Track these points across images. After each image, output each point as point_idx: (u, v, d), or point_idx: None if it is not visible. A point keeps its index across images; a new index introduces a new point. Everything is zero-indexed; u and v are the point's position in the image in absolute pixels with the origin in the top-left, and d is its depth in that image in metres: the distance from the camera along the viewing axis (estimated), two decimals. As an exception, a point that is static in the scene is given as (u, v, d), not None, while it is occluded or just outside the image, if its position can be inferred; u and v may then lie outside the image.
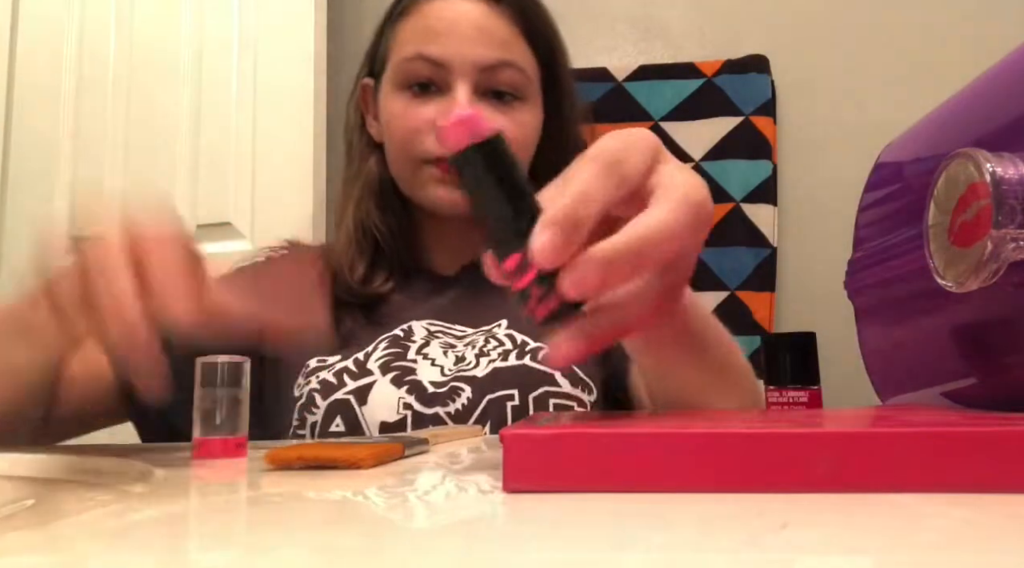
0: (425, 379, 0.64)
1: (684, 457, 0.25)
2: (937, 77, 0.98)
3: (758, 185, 1.21)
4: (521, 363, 0.65)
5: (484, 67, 0.69)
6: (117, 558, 0.19)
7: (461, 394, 0.63)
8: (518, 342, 0.67)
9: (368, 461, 0.33)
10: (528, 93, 0.73)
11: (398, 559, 0.18)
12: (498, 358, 0.65)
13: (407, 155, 0.71)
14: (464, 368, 0.65)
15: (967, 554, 0.17)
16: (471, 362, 0.66)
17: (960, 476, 0.24)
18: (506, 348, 0.67)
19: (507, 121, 0.71)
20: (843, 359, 0.69)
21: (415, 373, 0.65)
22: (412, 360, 0.66)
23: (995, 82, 0.44)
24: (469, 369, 0.65)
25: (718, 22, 1.36)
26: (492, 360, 0.65)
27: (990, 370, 0.42)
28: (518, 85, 0.71)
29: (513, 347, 0.67)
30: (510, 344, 0.67)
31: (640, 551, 0.18)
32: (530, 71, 0.73)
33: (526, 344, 0.67)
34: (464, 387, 0.63)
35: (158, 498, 0.28)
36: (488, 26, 0.70)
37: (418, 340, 0.68)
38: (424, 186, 0.71)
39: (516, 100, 0.72)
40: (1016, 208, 0.32)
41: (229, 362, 0.41)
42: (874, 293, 0.54)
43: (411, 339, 0.68)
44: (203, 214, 1.30)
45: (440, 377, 0.65)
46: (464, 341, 0.69)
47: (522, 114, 0.72)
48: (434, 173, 0.70)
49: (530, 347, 0.66)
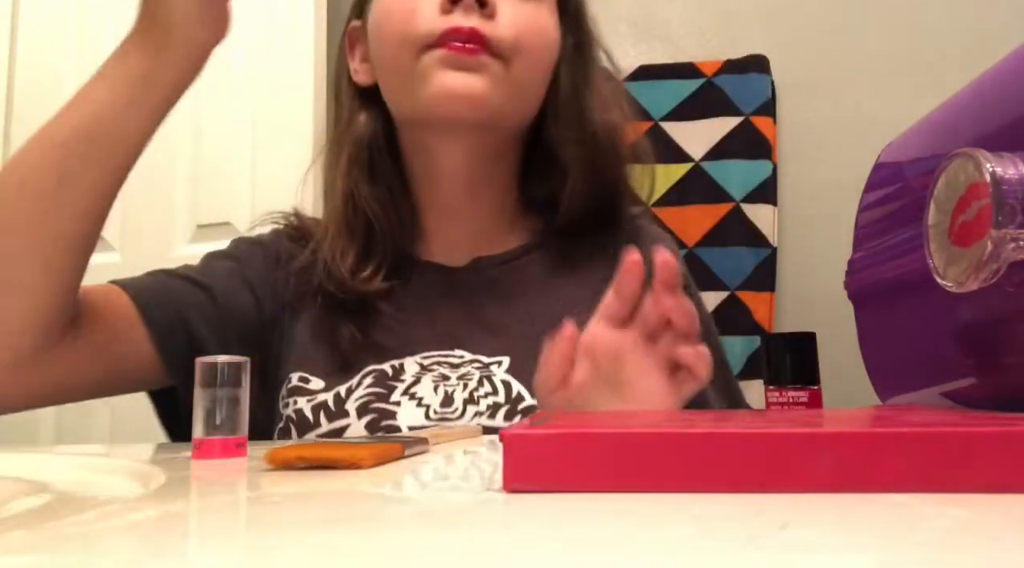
0: (404, 424, 0.59)
1: (684, 457, 0.25)
2: (937, 77, 0.98)
3: (758, 185, 1.21)
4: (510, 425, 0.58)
5: None
6: (117, 558, 0.19)
7: None
8: (513, 394, 0.60)
9: (368, 461, 0.33)
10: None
11: (398, 559, 0.18)
12: (486, 411, 0.59)
13: (406, 45, 0.61)
14: (447, 414, 0.59)
15: (967, 554, 0.17)
16: (457, 408, 0.59)
17: (960, 476, 0.24)
18: (497, 401, 0.59)
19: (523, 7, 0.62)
20: (843, 359, 0.69)
21: (394, 417, 0.59)
22: (395, 402, 0.60)
23: (995, 82, 0.44)
24: (453, 416, 0.59)
25: (718, 22, 1.36)
26: (480, 412, 0.59)
27: (990, 370, 0.42)
28: None
29: (506, 401, 0.59)
30: (503, 396, 0.60)
31: (640, 551, 0.18)
32: None
33: (520, 399, 0.59)
34: None
35: (158, 498, 0.28)
36: None
37: (407, 379, 0.61)
38: (429, 79, 0.60)
39: None
40: (1016, 208, 0.32)
41: (229, 362, 0.41)
42: (874, 293, 0.54)
43: (400, 378, 0.61)
44: (203, 214, 1.30)
45: (422, 421, 0.59)
46: (459, 372, 0.61)
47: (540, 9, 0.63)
48: (438, 55, 0.59)
49: (523, 405, 0.59)
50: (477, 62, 0.59)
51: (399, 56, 0.62)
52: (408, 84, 0.62)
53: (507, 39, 0.60)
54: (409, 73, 0.61)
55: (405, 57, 0.61)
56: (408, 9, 0.61)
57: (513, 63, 0.60)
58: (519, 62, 0.61)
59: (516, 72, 0.61)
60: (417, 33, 0.60)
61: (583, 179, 0.65)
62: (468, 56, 0.58)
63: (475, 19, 0.59)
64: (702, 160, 1.22)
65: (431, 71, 0.60)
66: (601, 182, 0.65)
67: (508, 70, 0.60)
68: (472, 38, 0.58)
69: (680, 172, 1.22)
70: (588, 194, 0.65)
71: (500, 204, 0.68)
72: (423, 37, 0.60)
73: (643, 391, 0.49)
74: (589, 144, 0.64)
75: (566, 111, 0.65)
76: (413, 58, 0.60)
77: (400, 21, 0.61)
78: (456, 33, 0.58)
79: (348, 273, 0.64)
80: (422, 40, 0.60)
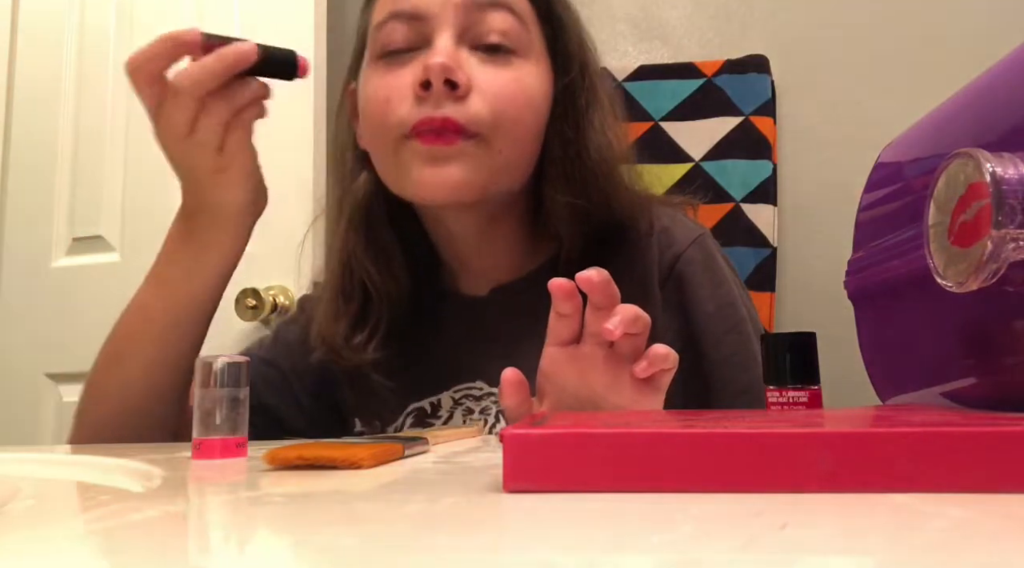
0: None
1: (684, 457, 0.25)
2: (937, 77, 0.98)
3: (758, 185, 1.21)
4: None
5: (469, 5, 0.59)
6: (117, 558, 0.19)
7: None
8: None
9: (368, 461, 0.33)
10: (526, 46, 0.61)
11: (398, 559, 0.18)
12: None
13: (384, 134, 0.60)
14: None
15: (967, 554, 0.17)
16: None
17: (960, 476, 0.24)
18: None
19: (501, 73, 0.59)
20: (843, 359, 0.69)
21: None
22: None
23: (995, 82, 0.44)
24: None
25: (718, 22, 1.36)
26: None
27: (990, 370, 0.42)
28: (513, 34, 0.60)
29: None
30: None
31: (640, 551, 0.18)
32: (527, 18, 0.61)
33: None
34: None
35: (158, 498, 0.28)
36: None
37: (443, 415, 0.65)
38: (408, 172, 0.59)
39: (512, 54, 0.60)
40: (1016, 208, 0.32)
41: (229, 362, 0.41)
42: (874, 293, 0.54)
43: (437, 414, 0.65)
44: (203, 214, 1.31)
45: None
46: (480, 406, 0.64)
47: (521, 70, 0.60)
48: (415, 148, 0.58)
49: None
50: (453, 150, 0.57)
51: (380, 146, 0.62)
52: (392, 172, 0.61)
53: (484, 118, 0.58)
54: (391, 163, 0.61)
55: (386, 147, 0.61)
56: (383, 98, 0.59)
57: (493, 140, 0.58)
58: (499, 137, 0.59)
59: (498, 147, 0.59)
60: (392, 124, 0.59)
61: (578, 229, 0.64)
62: (443, 146, 0.57)
63: (448, 106, 0.57)
64: (702, 160, 1.22)
65: (409, 164, 0.59)
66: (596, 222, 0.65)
67: (489, 148, 0.58)
68: (446, 127, 0.57)
69: (680, 172, 1.22)
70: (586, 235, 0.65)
71: (514, 240, 0.68)
72: (398, 127, 0.59)
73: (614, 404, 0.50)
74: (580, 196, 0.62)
75: (554, 170, 0.63)
76: (393, 149, 0.60)
77: (378, 112, 0.60)
78: (429, 124, 0.57)
79: (342, 340, 0.65)
80: (398, 130, 0.59)
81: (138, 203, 1.35)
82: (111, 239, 1.36)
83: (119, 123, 1.38)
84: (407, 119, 0.58)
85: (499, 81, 0.59)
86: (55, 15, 1.45)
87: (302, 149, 1.23)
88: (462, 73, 0.57)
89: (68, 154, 1.42)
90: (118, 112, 1.38)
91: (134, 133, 1.37)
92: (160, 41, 0.54)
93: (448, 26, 0.58)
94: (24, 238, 1.44)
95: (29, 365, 1.37)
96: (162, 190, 1.36)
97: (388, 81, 0.60)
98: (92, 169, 1.39)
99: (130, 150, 1.37)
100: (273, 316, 1.20)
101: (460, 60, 0.58)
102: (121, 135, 1.38)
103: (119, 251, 1.35)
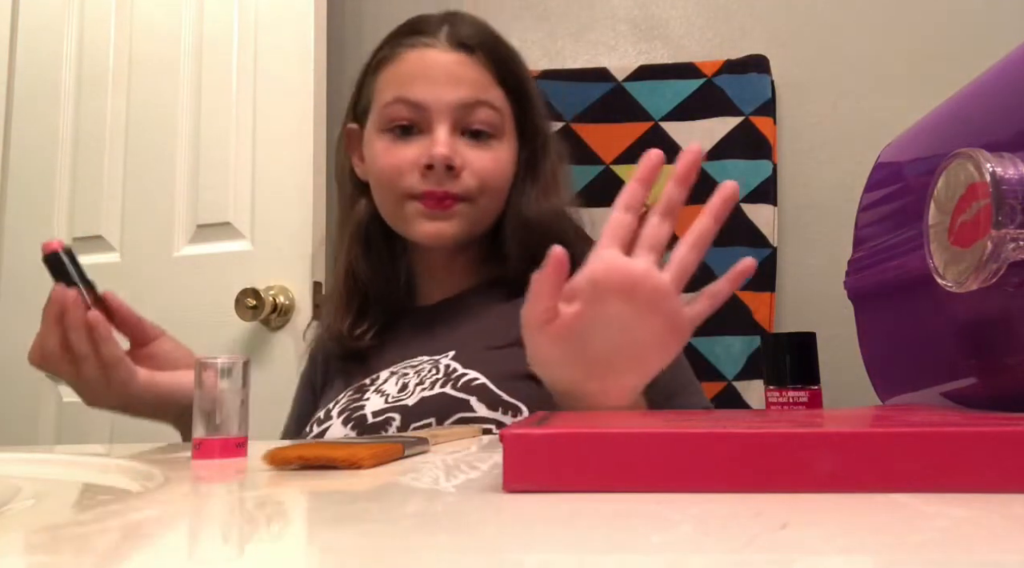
0: (369, 410, 0.70)
1: (684, 457, 0.25)
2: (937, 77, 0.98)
3: (758, 185, 1.21)
4: (442, 392, 0.68)
5: (461, 106, 0.75)
6: (117, 558, 0.19)
7: (392, 423, 0.68)
8: (450, 371, 0.71)
9: (368, 461, 0.33)
10: (502, 130, 0.79)
11: (398, 559, 0.18)
12: (428, 386, 0.70)
13: (392, 192, 0.77)
14: (400, 397, 0.70)
15: (967, 554, 0.17)
16: (410, 390, 0.71)
17: (960, 476, 0.24)
18: (437, 377, 0.71)
19: (484, 154, 0.77)
20: (843, 359, 0.69)
21: (363, 408, 0.71)
22: (366, 399, 0.72)
23: (995, 82, 0.44)
24: (404, 398, 0.70)
25: (718, 22, 1.36)
26: (424, 389, 0.70)
27: (990, 370, 0.42)
28: (493, 123, 0.78)
29: (444, 376, 0.71)
30: (443, 374, 0.71)
31: (640, 551, 0.18)
32: (504, 110, 0.79)
33: (455, 372, 0.71)
34: (395, 416, 0.68)
35: (158, 498, 0.28)
36: (463, 71, 0.76)
37: (379, 381, 0.74)
38: (409, 221, 0.77)
39: (492, 138, 0.78)
40: (1016, 208, 0.32)
41: (229, 362, 0.41)
42: (874, 293, 0.54)
43: (375, 383, 0.75)
44: (203, 214, 1.30)
45: (382, 405, 0.70)
46: (416, 369, 0.74)
47: (498, 150, 0.78)
48: (418, 208, 0.75)
49: (456, 374, 0.70)
50: (450, 212, 0.76)
51: (388, 199, 0.79)
52: (396, 219, 0.79)
53: (473, 189, 0.76)
54: (397, 213, 0.78)
55: (394, 202, 0.78)
56: (395, 166, 0.76)
57: (479, 201, 0.77)
58: (483, 198, 0.77)
59: (481, 205, 0.77)
60: (400, 189, 0.76)
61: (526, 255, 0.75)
62: (442, 210, 0.76)
63: (447, 182, 0.75)
64: (702, 160, 1.22)
65: (413, 218, 0.76)
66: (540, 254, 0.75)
67: (475, 206, 0.77)
68: (445, 197, 0.75)
69: (680, 172, 1.22)
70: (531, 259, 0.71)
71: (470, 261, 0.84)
72: (407, 191, 0.76)
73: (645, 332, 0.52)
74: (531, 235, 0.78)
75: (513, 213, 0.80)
76: (399, 203, 0.77)
77: (389, 177, 0.77)
78: (432, 195, 0.75)
79: (347, 331, 0.80)
80: (406, 192, 0.76)
81: (138, 203, 1.35)
82: (111, 239, 1.36)
83: (119, 123, 1.38)
84: (415, 188, 0.75)
85: (483, 161, 0.77)
86: (55, 15, 1.45)
87: (302, 150, 1.23)
88: (458, 158, 0.75)
89: (68, 154, 1.42)
90: (118, 112, 1.38)
91: (134, 133, 1.37)
92: (43, 322, 0.72)
93: (446, 119, 0.75)
94: (24, 238, 1.44)
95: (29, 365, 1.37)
96: (162, 190, 1.36)
97: (396, 153, 0.77)
98: (92, 169, 1.39)
99: (130, 150, 1.37)
100: (273, 316, 1.20)
101: (456, 147, 0.76)
102: (121, 135, 1.38)
103: (119, 251, 1.35)
